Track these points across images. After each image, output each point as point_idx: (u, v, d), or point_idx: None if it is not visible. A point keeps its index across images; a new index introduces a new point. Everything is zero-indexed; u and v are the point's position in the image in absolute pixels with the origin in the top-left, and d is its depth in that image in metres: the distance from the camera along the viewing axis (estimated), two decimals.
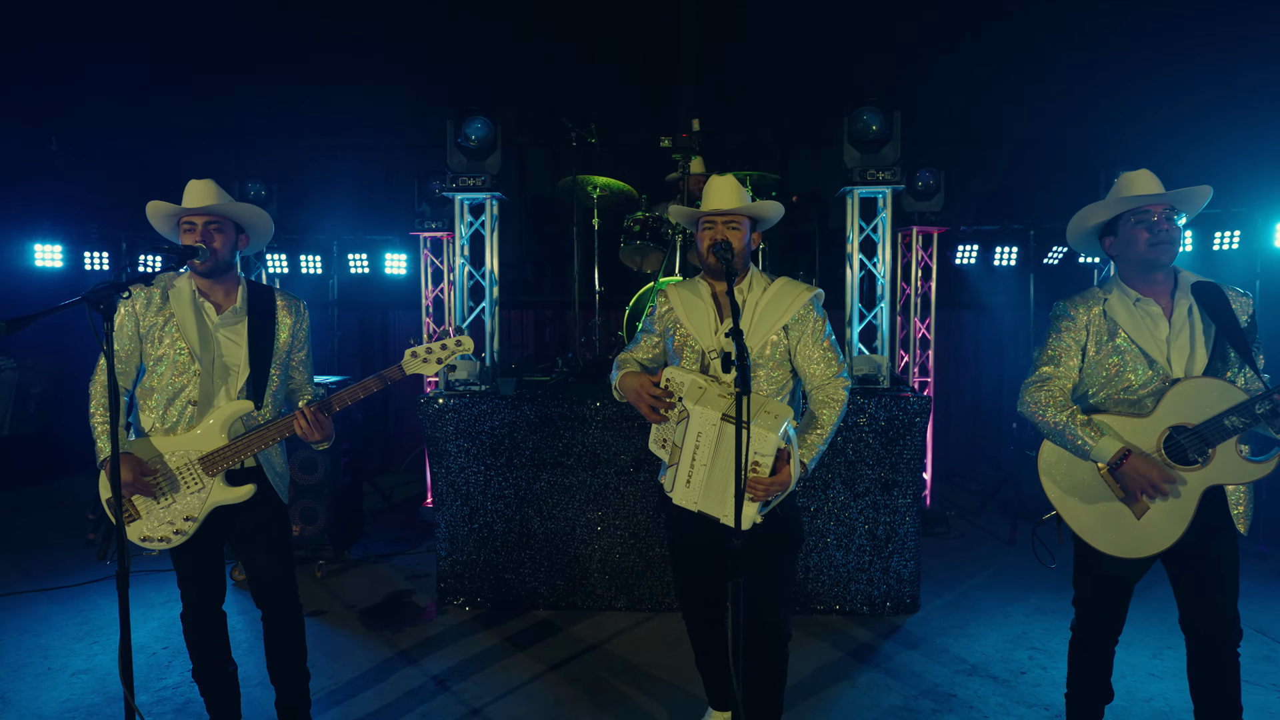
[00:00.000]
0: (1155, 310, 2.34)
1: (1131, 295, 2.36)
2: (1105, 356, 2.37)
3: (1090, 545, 2.37)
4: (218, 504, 2.53)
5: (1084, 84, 6.74)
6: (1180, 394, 2.27)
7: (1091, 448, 2.28)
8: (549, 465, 4.09)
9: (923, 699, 3.18)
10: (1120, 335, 2.34)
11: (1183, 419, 2.26)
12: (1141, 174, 2.36)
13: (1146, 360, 2.31)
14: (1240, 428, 2.19)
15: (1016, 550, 5.07)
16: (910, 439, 3.97)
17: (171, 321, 2.56)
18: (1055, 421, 2.35)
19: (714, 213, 2.45)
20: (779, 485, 2.21)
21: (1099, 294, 2.42)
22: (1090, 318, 2.39)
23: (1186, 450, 2.25)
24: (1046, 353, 2.45)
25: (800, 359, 2.46)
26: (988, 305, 6.89)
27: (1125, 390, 2.34)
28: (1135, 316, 2.34)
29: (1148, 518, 2.29)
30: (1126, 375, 2.34)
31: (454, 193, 4.36)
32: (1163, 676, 3.34)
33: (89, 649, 3.66)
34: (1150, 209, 2.31)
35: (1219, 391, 2.23)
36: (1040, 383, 2.41)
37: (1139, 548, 2.30)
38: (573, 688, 3.28)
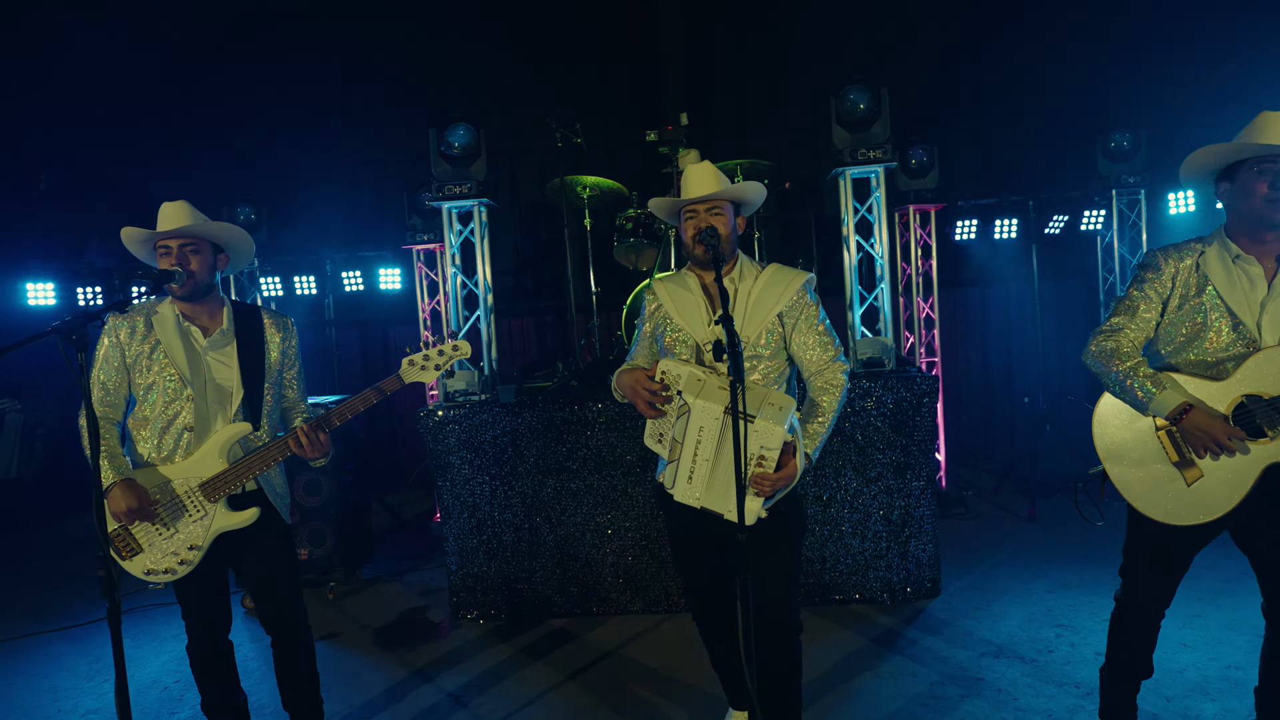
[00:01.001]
0: (1256, 271, 2.16)
1: (1233, 250, 2.18)
2: (1188, 312, 2.21)
3: (1137, 509, 2.27)
4: (222, 530, 2.48)
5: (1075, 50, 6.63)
6: (1262, 361, 2.12)
7: (1153, 398, 2.16)
8: (554, 471, 4.03)
9: (949, 684, 3.10)
10: (1210, 291, 2.19)
11: (1261, 388, 2.12)
12: (1277, 118, 2.10)
13: (1232, 321, 2.16)
14: None
15: (1037, 527, 4.97)
16: (920, 420, 3.89)
17: (158, 349, 2.51)
18: (1118, 370, 2.23)
19: (694, 200, 2.38)
20: (785, 480, 2.14)
21: (1197, 246, 2.26)
22: (1180, 269, 2.23)
23: (1257, 420, 2.13)
24: (1125, 302, 2.31)
25: (796, 346, 2.39)
26: (991, 280, 6.79)
27: (1204, 351, 2.20)
28: (1231, 274, 2.18)
29: (1200, 484, 2.18)
30: (1208, 335, 2.19)
31: (441, 201, 4.31)
32: (1195, 646, 3.25)
33: (100, 688, 3.62)
34: (1278, 160, 2.09)
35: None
36: (1110, 332, 2.29)
37: (1189, 515, 2.19)
38: (591, 696, 3.22)
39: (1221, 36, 6.32)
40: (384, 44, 7.26)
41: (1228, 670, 3.03)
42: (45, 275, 5.33)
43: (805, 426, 2.27)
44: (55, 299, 5.37)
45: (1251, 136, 2.14)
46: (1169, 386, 2.17)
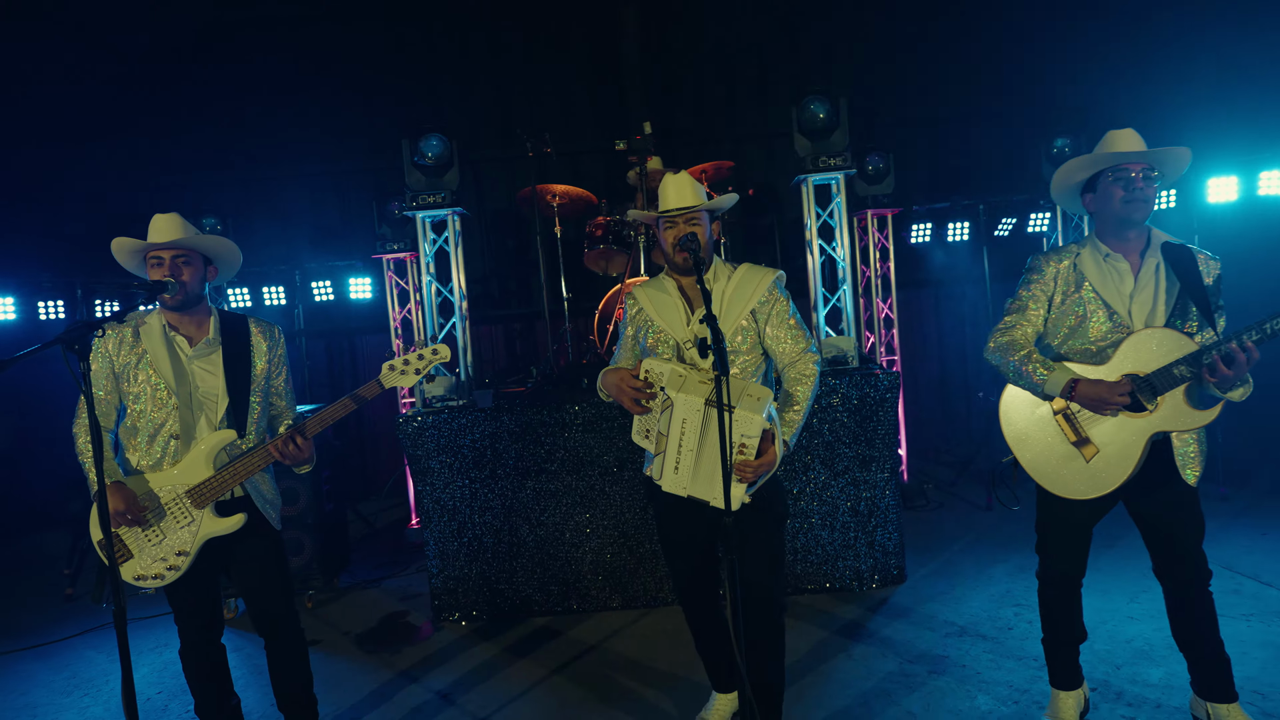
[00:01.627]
0: (1123, 266, 2.45)
1: (1102, 250, 2.47)
2: (1071, 306, 2.48)
3: (1045, 489, 2.49)
4: (209, 536, 2.53)
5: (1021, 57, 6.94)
6: (1135, 343, 2.38)
7: (1046, 380, 2.41)
8: (533, 473, 4.12)
9: (917, 663, 3.28)
10: (1086, 287, 2.46)
11: (1136, 368, 2.38)
12: (1126, 132, 2.45)
13: (1108, 311, 2.43)
14: (1188, 377, 2.31)
15: (993, 515, 5.21)
16: (883, 415, 4.08)
17: (145, 358, 2.56)
18: (1013, 360, 2.48)
19: (673, 211, 2.52)
20: (765, 465, 2.28)
21: (1073, 249, 2.53)
22: (1060, 270, 2.51)
23: (1137, 394, 2.37)
24: (1015, 303, 2.58)
25: (769, 339, 2.54)
26: (945, 281, 7.06)
27: (1087, 340, 2.46)
28: (1103, 271, 2.45)
29: (1096, 460, 2.42)
30: (1089, 325, 2.45)
31: (415, 211, 4.38)
32: (1140, 618, 3.48)
33: (79, 702, 3.60)
34: (1128, 167, 2.40)
35: (1171, 342, 2.34)
36: (1005, 329, 2.54)
37: (1088, 489, 2.43)
38: (578, 688, 3.32)
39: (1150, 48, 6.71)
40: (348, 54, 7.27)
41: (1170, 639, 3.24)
42: (3, 289, 5.24)
43: (782, 415, 2.41)
44: (15, 313, 5.28)
45: (1103, 149, 2.46)
46: (1058, 369, 2.42)
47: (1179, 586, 2.52)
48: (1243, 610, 3.50)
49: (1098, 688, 2.95)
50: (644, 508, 4.10)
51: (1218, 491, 5.11)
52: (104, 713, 3.47)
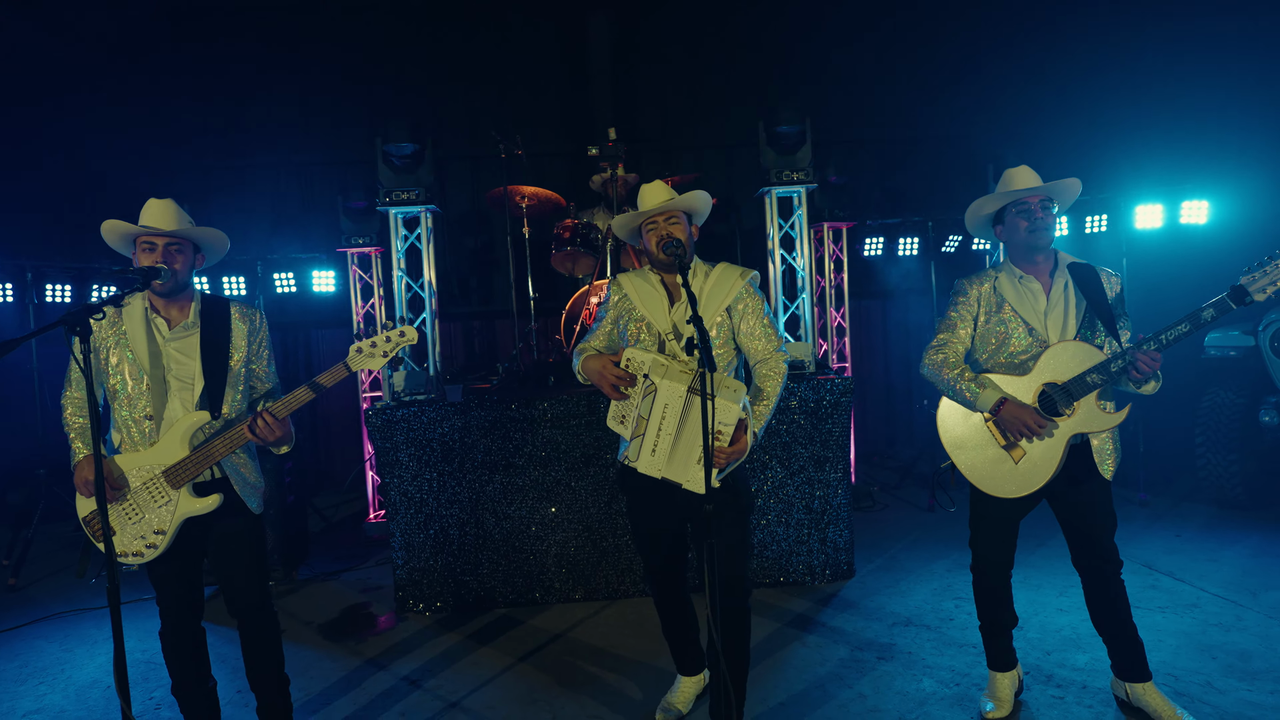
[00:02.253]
0: (1036, 287, 2.72)
1: (1016, 273, 2.75)
2: (994, 325, 2.74)
3: (978, 489, 2.74)
4: (186, 515, 2.56)
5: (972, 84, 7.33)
6: (1051, 356, 2.65)
7: (977, 397, 2.65)
8: (501, 467, 4.21)
9: (866, 650, 3.49)
10: (1006, 308, 2.72)
11: (1054, 377, 2.64)
12: (1021, 170, 2.75)
13: (1027, 328, 2.70)
14: (1100, 383, 2.58)
15: (935, 516, 5.50)
16: (837, 418, 4.30)
17: (124, 339, 2.58)
18: (948, 378, 2.72)
19: (653, 212, 2.67)
20: (738, 453, 2.44)
21: (991, 273, 2.80)
22: (981, 292, 2.77)
23: (1056, 403, 2.63)
24: (945, 322, 2.83)
25: (743, 336, 2.71)
26: (894, 293, 7.38)
27: (1010, 354, 2.72)
28: (1019, 292, 2.73)
29: (1024, 462, 2.67)
30: (1011, 341, 2.71)
31: (389, 207, 4.43)
32: (1068, 610, 3.76)
33: (35, 690, 3.55)
34: (1028, 200, 2.69)
35: (1083, 353, 2.62)
36: (937, 347, 2.79)
37: (1017, 488, 2.69)
38: (544, 674, 3.43)
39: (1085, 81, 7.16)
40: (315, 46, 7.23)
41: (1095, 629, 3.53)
42: None
43: (753, 409, 2.58)
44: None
45: (1003, 187, 2.74)
46: (988, 386, 2.67)
47: (1094, 575, 2.78)
48: (1159, 603, 3.81)
49: (1030, 671, 3.19)
50: (608, 503, 4.23)
51: (1138, 498, 5.49)
52: (62, 700, 3.43)
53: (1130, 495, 5.54)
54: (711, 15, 7.52)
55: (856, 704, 3.04)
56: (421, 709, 3.19)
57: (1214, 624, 3.56)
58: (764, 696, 3.12)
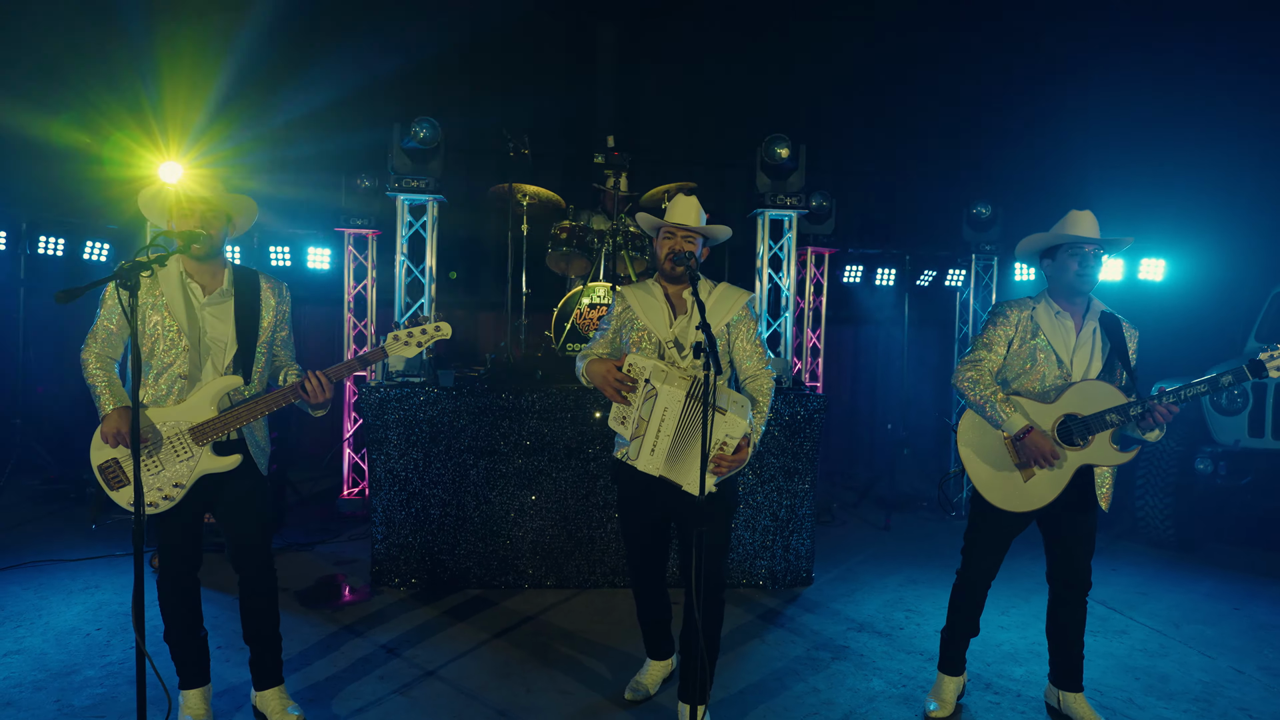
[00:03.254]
0: (1069, 324, 2.94)
1: (1054, 308, 2.96)
2: (1026, 351, 2.94)
3: (985, 499, 2.95)
4: (205, 472, 2.69)
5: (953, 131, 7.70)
6: (1078, 390, 2.87)
7: (1005, 420, 2.86)
8: (486, 453, 4.37)
9: (822, 650, 3.72)
10: (1040, 336, 2.93)
11: (1076, 409, 2.86)
12: (1086, 216, 2.92)
13: (1057, 360, 2.92)
14: (1116, 423, 2.82)
15: (891, 535, 5.77)
16: (809, 432, 4.54)
17: (160, 301, 2.70)
18: (982, 395, 2.91)
19: (678, 226, 2.87)
20: (739, 461, 2.64)
21: (1030, 302, 3.01)
22: (1021, 317, 2.97)
23: (1074, 433, 2.86)
24: (983, 339, 3.01)
25: (738, 353, 2.92)
26: (869, 320, 7.69)
27: (1037, 380, 2.93)
28: (1054, 325, 2.94)
29: (1032, 481, 2.89)
30: (1040, 369, 2.93)
31: (397, 193, 4.58)
32: (1009, 628, 4.03)
33: (14, 632, 3.61)
34: (1084, 246, 2.89)
35: (1107, 393, 2.85)
36: (974, 363, 2.98)
37: (1021, 504, 2.91)
38: (517, 650, 3.59)
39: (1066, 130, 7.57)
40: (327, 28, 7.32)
41: (1033, 645, 3.81)
42: None
43: (753, 420, 2.78)
44: None
45: (1065, 228, 2.94)
46: (1017, 410, 2.88)
47: (1066, 590, 3.02)
48: (1091, 628, 4.03)
49: (971, 679, 3.45)
50: (587, 495, 4.41)
51: None
52: (42, 643, 3.50)
53: None
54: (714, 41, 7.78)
55: (811, 696, 3.26)
56: (400, 675, 3.33)
57: (1139, 649, 3.86)
58: (726, 684, 3.32)
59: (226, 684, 3.18)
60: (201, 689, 2.87)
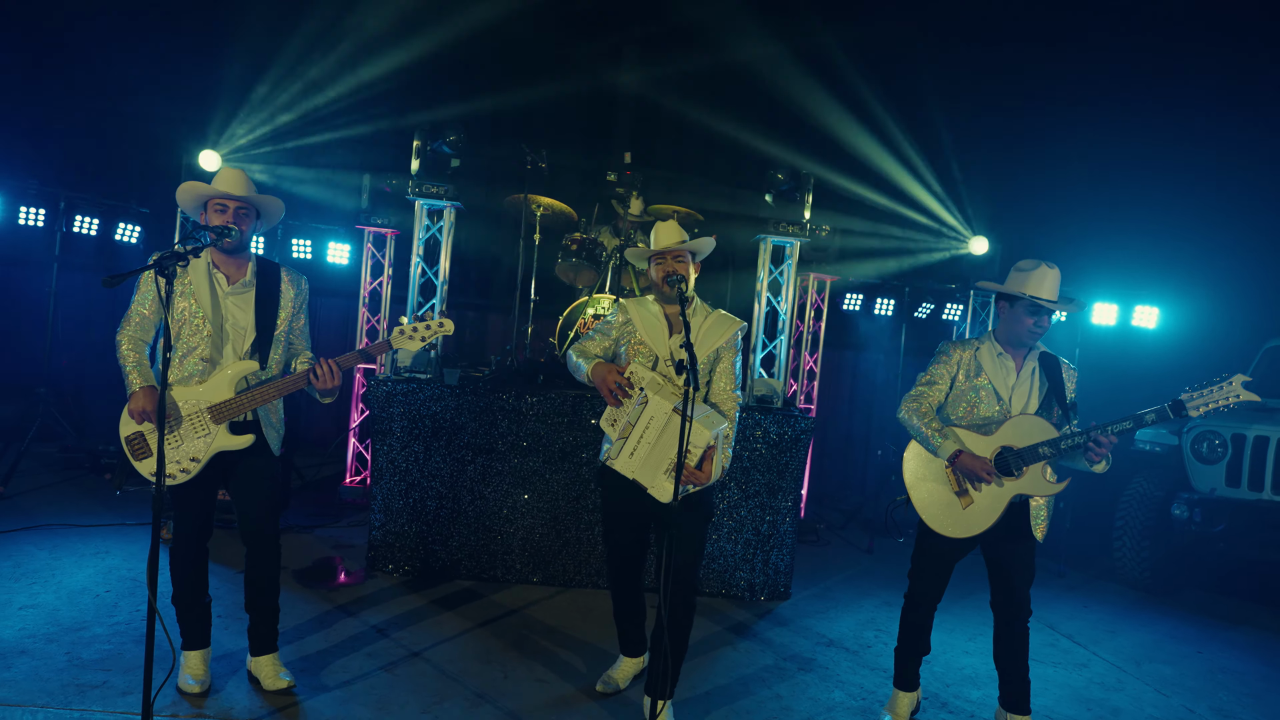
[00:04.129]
0: (1010, 364, 3.16)
1: (997, 349, 3.18)
2: (969, 389, 3.16)
3: (927, 525, 3.14)
4: (220, 449, 2.90)
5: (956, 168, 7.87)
6: (1014, 425, 3.08)
7: (939, 446, 3.07)
8: (484, 450, 4.57)
9: (789, 661, 3.88)
10: (982, 376, 3.15)
11: (1011, 442, 3.06)
12: (1051, 276, 3.05)
13: (996, 397, 3.13)
14: (1048, 455, 3.01)
15: (873, 558, 5.93)
16: (796, 452, 4.72)
17: (189, 288, 2.92)
18: (920, 425, 3.13)
19: (664, 250, 3.08)
20: (702, 478, 2.83)
21: (975, 342, 3.23)
22: (964, 357, 3.20)
23: (1010, 464, 3.05)
24: (926, 376, 3.24)
25: (716, 375, 3.12)
26: (866, 348, 7.86)
27: (979, 416, 3.15)
28: (996, 365, 3.16)
29: (970, 509, 3.08)
30: (980, 406, 3.15)
31: (416, 198, 4.80)
32: (973, 653, 4.19)
33: (29, 588, 3.83)
34: (1043, 304, 3.08)
35: (1040, 428, 3.05)
36: (915, 397, 3.20)
37: (961, 530, 3.10)
38: (499, 640, 3.78)
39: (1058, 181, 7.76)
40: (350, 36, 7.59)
41: (993, 671, 3.89)
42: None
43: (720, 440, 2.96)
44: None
45: (1028, 287, 3.07)
46: (950, 438, 3.10)
47: (1006, 618, 3.20)
48: (1054, 659, 4.26)
49: (929, 698, 3.61)
50: (577, 498, 4.60)
51: (1058, 569, 5.96)
52: (54, 600, 3.72)
53: (1051, 566, 6.01)
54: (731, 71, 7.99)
55: (772, 702, 3.43)
56: (387, 654, 3.52)
57: (1097, 683, 4.00)
58: (694, 685, 3.50)
59: (224, 649, 3.38)
60: (202, 651, 3.07)
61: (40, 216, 5.64)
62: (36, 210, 5.61)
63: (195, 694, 3.01)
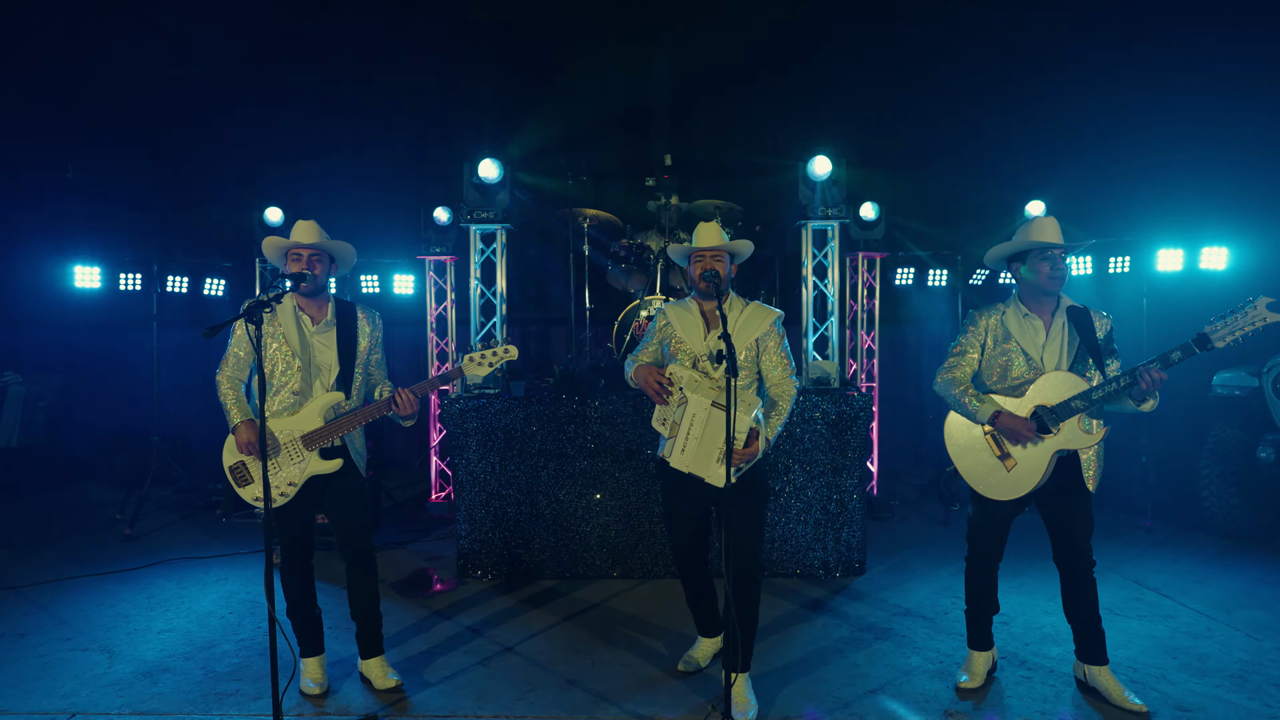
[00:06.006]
0: (1038, 324, 3.21)
1: (1023, 310, 3.23)
2: (999, 354, 3.22)
3: (976, 490, 3.21)
4: (314, 473, 3.22)
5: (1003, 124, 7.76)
6: (1043, 383, 3.13)
7: (977, 410, 3.15)
8: (554, 455, 4.82)
9: (866, 632, 3.99)
10: (1010, 340, 3.21)
11: (1044, 400, 3.12)
12: (1050, 222, 3.18)
13: (1026, 358, 3.18)
14: (1082, 408, 3.05)
15: (949, 530, 5.93)
16: (856, 430, 4.80)
17: (279, 330, 3.25)
18: (955, 394, 3.22)
19: (703, 249, 3.25)
20: (750, 455, 2.99)
21: (1000, 307, 3.29)
22: (990, 324, 3.26)
23: (1045, 422, 3.10)
24: (956, 348, 3.33)
25: (765, 364, 3.27)
26: (924, 320, 7.82)
27: (1011, 379, 3.20)
28: (1023, 326, 3.21)
29: (1015, 470, 3.15)
30: (1012, 368, 3.20)
31: (469, 224, 5.09)
32: (1053, 613, 4.17)
33: (164, 615, 4.26)
34: (1052, 250, 3.14)
35: (1070, 382, 3.10)
36: (949, 368, 3.30)
37: (1007, 492, 3.18)
38: (585, 631, 4.01)
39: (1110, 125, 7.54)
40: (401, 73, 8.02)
41: None
42: (92, 260, 5.92)
43: (768, 419, 3.13)
44: (100, 282, 5.95)
45: (1031, 235, 3.16)
46: (987, 402, 3.16)
47: (1070, 570, 3.25)
48: (1139, 613, 4.22)
49: (1007, 656, 3.66)
50: (647, 493, 4.80)
51: (1144, 524, 5.84)
52: (187, 623, 4.13)
53: (1137, 521, 5.90)
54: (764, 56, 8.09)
55: (849, 670, 3.55)
56: (482, 650, 3.79)
57: (1183, 632, 3.96)
58: (771, 660, 3.64)
59: (337, 656, 3.70)
60: (318, 657, 3.40)
61: (137, 280, 6.18)
62: (134, 275, 6.16)
63: (316, 695, 3.34)
